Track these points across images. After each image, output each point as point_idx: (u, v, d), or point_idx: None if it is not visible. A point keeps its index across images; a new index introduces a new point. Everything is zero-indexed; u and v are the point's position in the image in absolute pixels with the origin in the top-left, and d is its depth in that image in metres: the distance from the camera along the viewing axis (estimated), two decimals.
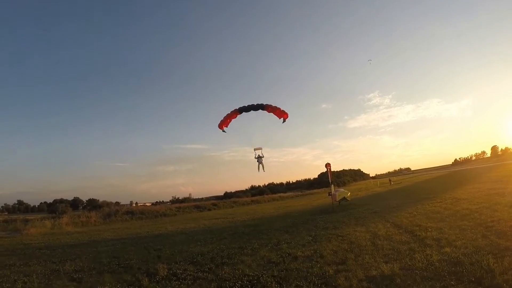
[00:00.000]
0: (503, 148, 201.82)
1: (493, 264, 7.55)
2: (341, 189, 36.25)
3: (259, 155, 21.66)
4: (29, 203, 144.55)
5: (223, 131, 21.19)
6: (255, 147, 21.84)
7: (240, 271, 10.39)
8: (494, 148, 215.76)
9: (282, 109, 21.39)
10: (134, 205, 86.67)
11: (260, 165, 22.35)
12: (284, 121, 21.36)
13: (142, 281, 10.09)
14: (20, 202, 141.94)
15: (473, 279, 6.92)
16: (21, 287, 10.27)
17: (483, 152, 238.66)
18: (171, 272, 11.08)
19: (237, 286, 8.83)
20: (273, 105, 21.48)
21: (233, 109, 21.26)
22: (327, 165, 29.44)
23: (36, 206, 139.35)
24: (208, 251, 14.35)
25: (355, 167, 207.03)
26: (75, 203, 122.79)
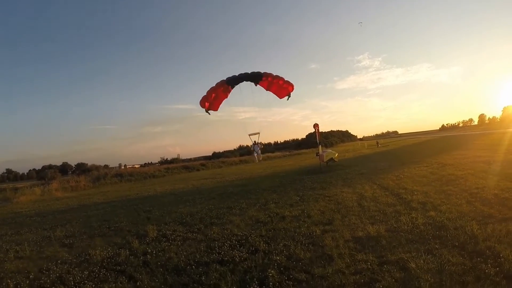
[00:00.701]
0: (490, 117, 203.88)
1: (476, 230, 7.72)
2: (329, 150, 36.38)
3: (255, 141, 19.71)
4: (17, 171, 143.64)
5: (207, 112, 17.00)
6: (250, 133, 19.21)
7: (228, 231, 10.61)
8: (481, 117, 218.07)
9: (286, 79, 16.92)
10: (123, 167, 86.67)
11: (257, 154, 21.62)
12: (289, 97, 17.51)
13: (133, 243, 10.26)
14: (8, 171, 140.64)
15: (456, 244, 7.08)
16: (14, 256, 10.35)
17: (471, 120, 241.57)
18: (161, 233, 11.30)
19: (226, 246, 8.99)
20: (274, 74, 16.71)
21: (219, 81, 16.64)
22: (315, 126, 29.23)
23: (25, 174, 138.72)
24: (197, 211, 14.63)
25: (343, 128, 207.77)
26: (64, 169, 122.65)
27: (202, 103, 16.31)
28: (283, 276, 6.56)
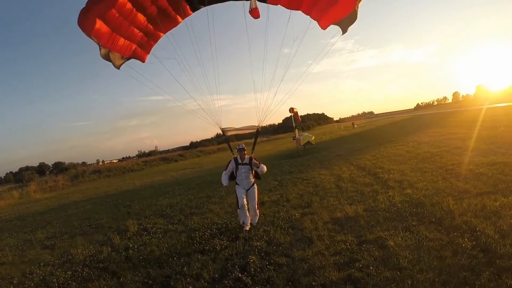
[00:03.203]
0: (464, 95, 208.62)
1: (452, 206, 7.86)
2: (306, 133, 36.47)
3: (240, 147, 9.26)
4: None
5: (114, 63, 7.47)
6: (224, 127, 9.61)
7: (209, 220, 10.61)
8: (455, 95, 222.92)
9: None
10: (101, 163, 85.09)
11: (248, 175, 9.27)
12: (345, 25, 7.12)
13: (114, 240, 10.19)
14: None
15: (433, 220, 7.20)
16: None
17: (445, 98, 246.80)
18: (142, 227, 11.25)
19: (207, 235, 8.99)
20: None
21: None
22: (291, 110, 29.05)
23: (2, 177, 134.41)
24: (177, 202, 14.60)
25: (319, 111, 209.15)
26: (41, 169, 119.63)
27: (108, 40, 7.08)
28: (264, 261, 6.57)
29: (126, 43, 7.47)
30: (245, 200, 9.09)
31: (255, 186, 9.28)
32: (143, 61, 8.15)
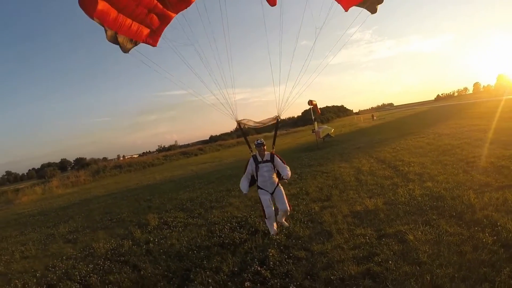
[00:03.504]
0: (485, 86, 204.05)
1: (473, 200, 7.77)
2: (325, 126, 36.19)
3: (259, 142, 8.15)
4: (17, 172, 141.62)
5: (122, 47, 6.75)
6: (240, 119, 8.40)
7: (228, 213, 10.73)
8: (476, 85, 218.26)
9: None
10: (121, 158, 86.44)
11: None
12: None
13: (135, 233, 10.40)
14: (8, 173, 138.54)
15: (454, 214, 7.14)
16: (20, 257, 10.44)
17: (465, 89, 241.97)
18: (162, 221, 11.46)
19: (227, 228, 9.10)
20: None
21: None
22: (310, 102, 28.52)
23: (25, 174, 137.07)
24: (197, 196, 14.75)
25: (338, 103, 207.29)
26: (63, 165, 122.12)
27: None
28: (283, 255, 6.65)
29: (134, 25, 6.68)
30: (272, 207, 7.75)
31: (281, 186, 7.95)
32: (154, 45, 7.32)
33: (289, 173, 7.58)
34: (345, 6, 7.11)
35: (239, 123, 8.22)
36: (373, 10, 6.83)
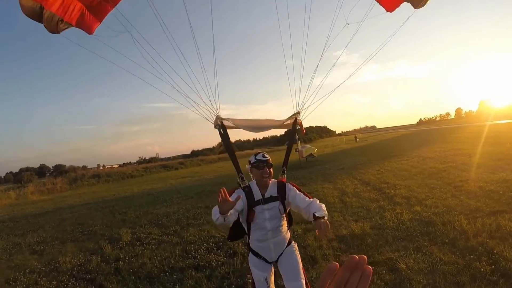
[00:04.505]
0: (467, 111, 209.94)
1: (466, 225, 7.43)
2: (308, 146, 36.08)
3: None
4: None
5: (48, 25, 4.19)
6: (224, 116, 4.50)
7: (205, 232, 10.16)
8: (458, 111, 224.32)
9: None
10: (101, 168, 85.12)
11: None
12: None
13: (105, 249, 9.74)
14: None
15: (446, 241, 6.77)
16: None
17: (448, 114, 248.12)
18: (135, 236, 10.82)
19: (203, 249, 8.51)
20: None
21: None
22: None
23: (2, 177, 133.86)
24: (174, 212, 14.17)
25: (321, 124, 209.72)
26: (41, 171, 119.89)
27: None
28: None
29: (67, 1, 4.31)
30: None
31: (294, 245, 4.21)
32: (90, 32, 4.78)
33: (324, 208, 3.65)
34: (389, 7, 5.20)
35: (221, 122, 4.39)
36: (419, 5, 5.22)
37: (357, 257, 0.93)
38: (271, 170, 3.96)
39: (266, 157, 3.96)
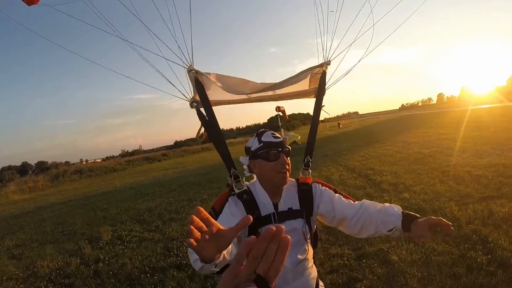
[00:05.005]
0: (449, 96, 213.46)
1: (457, 212, 7.23)
2: (291, 133, 35.78)
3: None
4: None
5: None
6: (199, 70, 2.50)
7: (188, 226, 9.76)
8: (440, 96, 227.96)
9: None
10: (84, 163, 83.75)
11: None
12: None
13: (85, 249, 9.28)
14: None
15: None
16: None
17: (429, 99, 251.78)
18: (116, 235, 10.40)
19: (185, 245, 8.12)
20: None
21: None
22: (278, 108, 27.91)
23: None
24: (156, 206, 13.82)
25: (303, 111, 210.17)
26: (23, 169, 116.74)
27: None
28: None
29: None
30: None
31: None
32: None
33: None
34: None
35: (195, 78, 2.51)
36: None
37: (274, 227, 0.88)
38: (288, 164, 2.44)
39: (279, 138, 2.46)
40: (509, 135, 17.89)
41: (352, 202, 2.44)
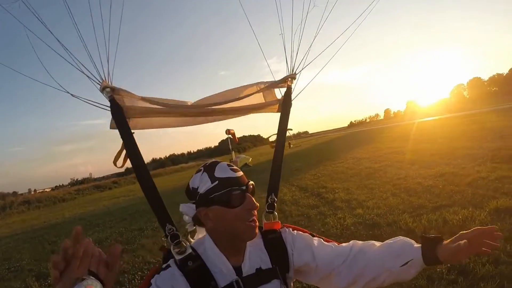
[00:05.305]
0: (395, 111, 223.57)
1: (411, 224, 7.33)
2: (242, 155, 35.96)
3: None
4: None
5: None
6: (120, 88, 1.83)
7: (140, 258, 9.40)
8: (387, 111, 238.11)
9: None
10: (32, 192, 79.97)
11: None
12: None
13: (32, 287, 8.81)
14: None
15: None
16: None
17: (377, 115, 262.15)
18: None
19: (137, 278, 7.77)
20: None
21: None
22: (228, 131, 28.14)
23: None
24: (107, 237, 13.38)
25: (254, 132, 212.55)
26: None
27: None
28: None
29: None
30: None
31: None
32: None
33: None
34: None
35: (111, 97, 1.79)
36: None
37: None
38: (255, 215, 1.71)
39: (238, 170, 1.77)
40: (455, 145, 18.68)
41: (337, 244, 1.90)
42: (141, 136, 1.95)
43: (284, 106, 2.27)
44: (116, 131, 1.82)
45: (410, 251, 1.61)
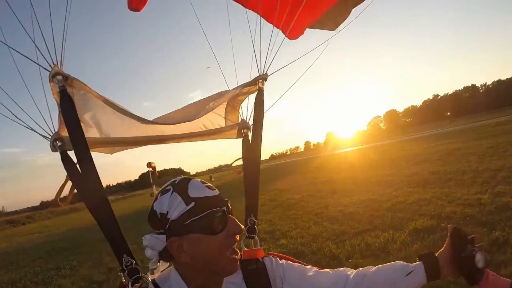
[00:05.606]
0: (315, 143, 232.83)
1: (335, 250, 7.54)
2: None
3: None
4: None
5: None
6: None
7: None
8: (307, 143, 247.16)
9: None
10: None
11: None
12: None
13: None
14: None
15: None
16: None
17: (297, 147, 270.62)
18: None
19: None
20: None
21: None
22: (149, 164, 27.61)
23: None
24: (21, 277, 12.33)
25: (175, 165, 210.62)
26: None
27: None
28: None
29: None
30: None
31: None
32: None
33: None
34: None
35: (62, 89, 1.32)
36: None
37: None
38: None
39: (215, 189, 1.49)
40: (373, 173, 19.70)
41: (330, 271, 1.63)
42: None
43: (257, 111, 1.95)
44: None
45: (409, 265, 1.46)
